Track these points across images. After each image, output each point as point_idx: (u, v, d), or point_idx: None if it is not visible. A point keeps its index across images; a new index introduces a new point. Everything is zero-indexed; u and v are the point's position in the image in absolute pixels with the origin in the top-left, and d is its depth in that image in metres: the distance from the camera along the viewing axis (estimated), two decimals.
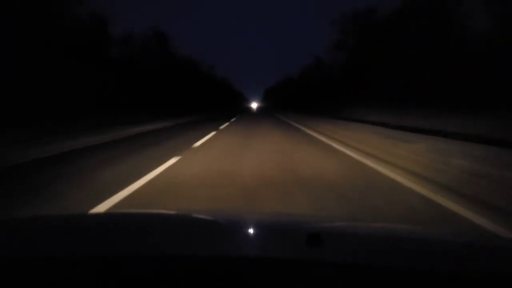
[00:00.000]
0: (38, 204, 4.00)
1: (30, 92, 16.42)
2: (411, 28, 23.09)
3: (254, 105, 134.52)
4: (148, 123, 18.88)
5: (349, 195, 4.21)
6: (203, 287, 0.76)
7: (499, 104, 13.20)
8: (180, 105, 37.92)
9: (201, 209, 3.32)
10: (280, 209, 3.68)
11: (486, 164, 5.71)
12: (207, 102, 54.35)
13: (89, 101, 20.77)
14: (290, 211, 3.54)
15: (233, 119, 24.73)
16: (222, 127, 16.93)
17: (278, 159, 7.02)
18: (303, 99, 51.98)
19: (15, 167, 6.70)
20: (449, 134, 10.56)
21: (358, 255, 0.91)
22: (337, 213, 3.52)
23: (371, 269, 0.81)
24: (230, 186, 4.66)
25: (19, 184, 5.20)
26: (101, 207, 3.75)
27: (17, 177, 5.83)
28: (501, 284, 0.78)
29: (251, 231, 1.18)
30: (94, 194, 4.29)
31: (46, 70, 17.75)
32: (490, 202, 3.79)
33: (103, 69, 23.57)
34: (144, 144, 10.14)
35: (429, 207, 3.72)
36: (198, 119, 26.22)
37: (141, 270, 0.82)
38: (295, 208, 3.72)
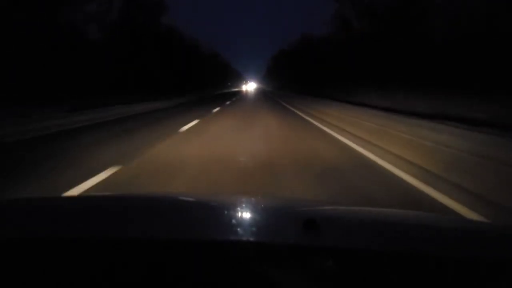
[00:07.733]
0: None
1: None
2: None
3: (250, 86, 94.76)
4: None
5: None
6: (197, 272, 0.75)
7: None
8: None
9: (194, 192, 3.29)
10: None
11: None
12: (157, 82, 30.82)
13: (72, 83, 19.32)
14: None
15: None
16: None
17: None
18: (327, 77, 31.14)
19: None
20: None
21: (355, 240, 0.91)
22: (334, 199, 3.47)
23: (368, 254, 0.81)
24: None
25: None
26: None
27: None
28: (495, 270, 0.78)
29: (246, 215, 1.16)
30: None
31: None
32: None
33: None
34: None
35: None
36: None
37: (130, 254, 0.79)
38: None
